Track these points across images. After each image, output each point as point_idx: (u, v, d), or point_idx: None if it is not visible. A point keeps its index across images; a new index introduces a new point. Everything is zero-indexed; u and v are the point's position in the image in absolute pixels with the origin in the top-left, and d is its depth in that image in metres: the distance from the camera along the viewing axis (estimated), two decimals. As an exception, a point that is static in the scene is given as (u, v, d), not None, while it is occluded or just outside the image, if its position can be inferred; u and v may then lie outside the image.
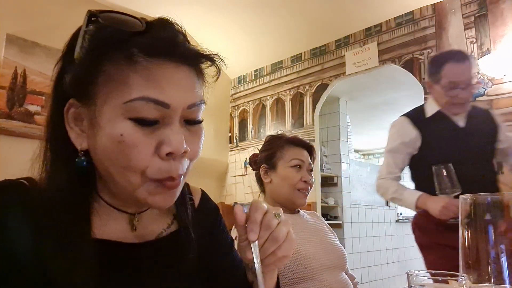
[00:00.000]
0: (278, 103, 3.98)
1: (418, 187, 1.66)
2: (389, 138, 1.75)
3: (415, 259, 5.55)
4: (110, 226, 0.53)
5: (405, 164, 1.71)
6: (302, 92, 3.77)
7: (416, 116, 1.71)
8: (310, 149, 1.27)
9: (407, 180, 1.81)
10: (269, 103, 4.07)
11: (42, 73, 2.73)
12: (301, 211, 1.29)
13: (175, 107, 0.47)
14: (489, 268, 0.51)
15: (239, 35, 3.69)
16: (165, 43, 0.48)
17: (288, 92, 3.90)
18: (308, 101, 3.71)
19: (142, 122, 0.46)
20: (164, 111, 0.47)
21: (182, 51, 0.49)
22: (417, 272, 0.51)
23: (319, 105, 3.63)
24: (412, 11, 2.99)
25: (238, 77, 4.45)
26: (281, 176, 1.21)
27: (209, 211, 0.69)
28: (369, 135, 6.30)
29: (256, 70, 4.26)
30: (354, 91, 4.27)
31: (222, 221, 0.71)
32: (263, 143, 1.33)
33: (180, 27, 0.51)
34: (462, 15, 2.68)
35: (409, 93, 4.13)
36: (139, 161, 0.46)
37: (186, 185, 0.68)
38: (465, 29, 2.66)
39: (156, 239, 0.57)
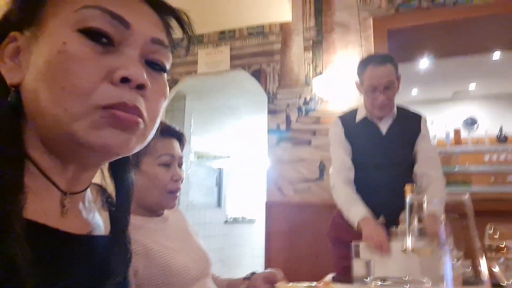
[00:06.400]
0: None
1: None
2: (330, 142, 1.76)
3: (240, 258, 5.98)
4: (37, 204, 0.40)
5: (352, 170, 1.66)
6: (149, 84, 3.50)
7: (347, 119, 1.74)
8: (181, 138, 1.09)
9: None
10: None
11: None
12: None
13: (137, 32, 0.41)
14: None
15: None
16: None
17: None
18: (154, 94, 3.46)
19: (92, 36, 0.38)
20: (123, 32, 0.40)
21: None
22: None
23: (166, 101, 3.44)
24: (263, 25, 3.20)
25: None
26: (147, 176, 0.97)
27: None
28: (207, 137, 6.45)
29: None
30: (202, 91, 4.27)
31: None
32: None
33: None
34: (304, 38, 3.04)
35: (253, 100, 4.41)
36: (83, 78, 0.37)
37: None
38: (304, 51, 3.02)
39: (87, 235, 0.45)
